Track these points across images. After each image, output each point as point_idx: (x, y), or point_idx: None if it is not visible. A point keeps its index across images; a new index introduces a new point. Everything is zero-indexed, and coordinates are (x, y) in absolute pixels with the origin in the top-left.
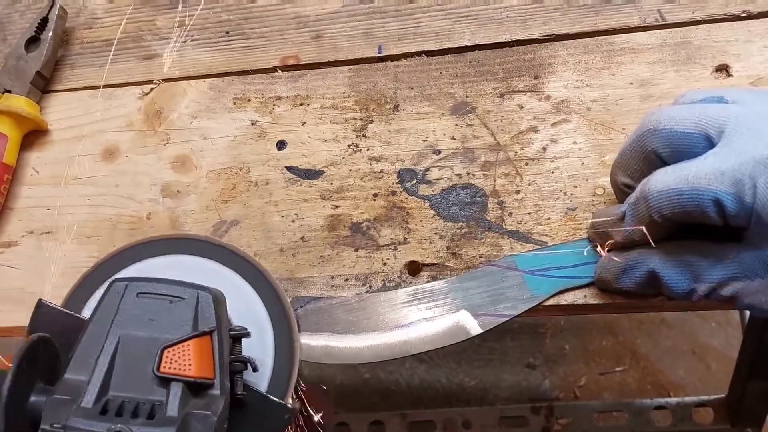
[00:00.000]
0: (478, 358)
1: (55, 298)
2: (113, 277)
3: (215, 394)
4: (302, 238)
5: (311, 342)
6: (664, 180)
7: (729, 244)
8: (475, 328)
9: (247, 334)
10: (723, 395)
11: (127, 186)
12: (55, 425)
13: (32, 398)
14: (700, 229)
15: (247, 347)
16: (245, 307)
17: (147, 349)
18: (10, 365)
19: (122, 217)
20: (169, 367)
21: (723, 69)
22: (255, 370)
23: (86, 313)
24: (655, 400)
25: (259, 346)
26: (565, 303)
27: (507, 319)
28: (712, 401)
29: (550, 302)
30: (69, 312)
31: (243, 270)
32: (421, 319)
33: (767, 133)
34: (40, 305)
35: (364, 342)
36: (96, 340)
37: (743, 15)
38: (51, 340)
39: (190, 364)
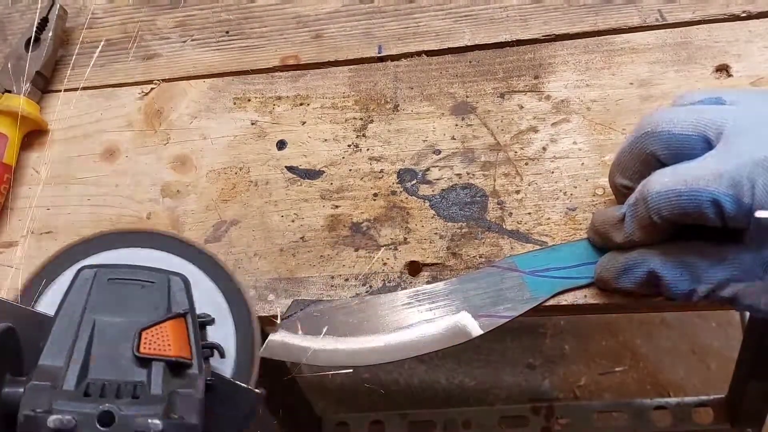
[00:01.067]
0: (478, 358)
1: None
2: (80, 265)
3: (194, 374)
4: (302, 238)
5: (313, 345)
6: (662, 181)
7: (729, 245)
8: (475, 329)
9: (212, 321)
10: (723, 395)
11: (127, 186)
12: (38, 410)
13: (5, 389)
14: (700, 230)
15: (209, 336)
16: (203, 296)
17: (123, 333)
18: None
19: (122, 217)
20: (149, 348)
21: (723, 69)
22: (222, 356)
23: (44, 305)
24: (655, 400)
25: (220, 335)
26: (565, 303)
27: (507, 320)
28: (712, 401)
29: (551, 302)
30: (23, 306)
31: (197, 260)
32: (421, 321)
33: (766, 135)
34: None
35: (365, 344)
36: (69, 326)
37: (743, 15)
38: (15, 330)
39: (169, 345)
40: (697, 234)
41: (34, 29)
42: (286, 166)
